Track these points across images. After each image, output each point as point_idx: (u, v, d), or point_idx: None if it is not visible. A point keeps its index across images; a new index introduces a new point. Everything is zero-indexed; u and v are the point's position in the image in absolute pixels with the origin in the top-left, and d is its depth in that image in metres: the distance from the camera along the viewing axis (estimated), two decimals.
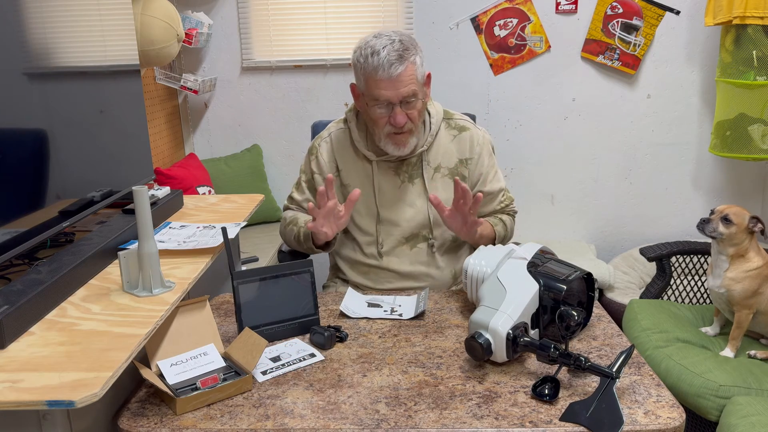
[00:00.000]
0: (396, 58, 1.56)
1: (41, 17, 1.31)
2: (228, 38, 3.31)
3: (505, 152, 3.41)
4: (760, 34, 2.73)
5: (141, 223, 1.23)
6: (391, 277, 1.77)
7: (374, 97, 1.60)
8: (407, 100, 1.60)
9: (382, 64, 1.55)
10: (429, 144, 1.73)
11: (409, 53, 1.58)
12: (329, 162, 1.78)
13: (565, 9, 3.19)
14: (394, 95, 1.58)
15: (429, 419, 1.10)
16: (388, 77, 1.56)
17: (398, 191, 1.75)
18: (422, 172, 1.74)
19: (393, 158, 1.72)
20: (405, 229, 1.75)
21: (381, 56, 1.56)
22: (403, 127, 1.62)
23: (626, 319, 2.29)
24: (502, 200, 1.85)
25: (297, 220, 1.79)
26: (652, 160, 3.37)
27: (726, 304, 2.01)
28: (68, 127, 1.41)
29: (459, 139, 1.76)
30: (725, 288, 1.96)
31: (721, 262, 1.98)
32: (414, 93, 1.59)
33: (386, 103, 1.60)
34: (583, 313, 1.35)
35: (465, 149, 1.76)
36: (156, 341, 1.23)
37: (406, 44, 1.59)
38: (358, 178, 1.76)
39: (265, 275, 1.40)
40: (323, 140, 1.80)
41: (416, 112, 1.63)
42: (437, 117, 1.75)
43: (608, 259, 3.39)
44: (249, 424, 1.10)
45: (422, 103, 1.65)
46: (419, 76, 1.61)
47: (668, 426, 1.07)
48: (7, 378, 0.96)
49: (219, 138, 3.45)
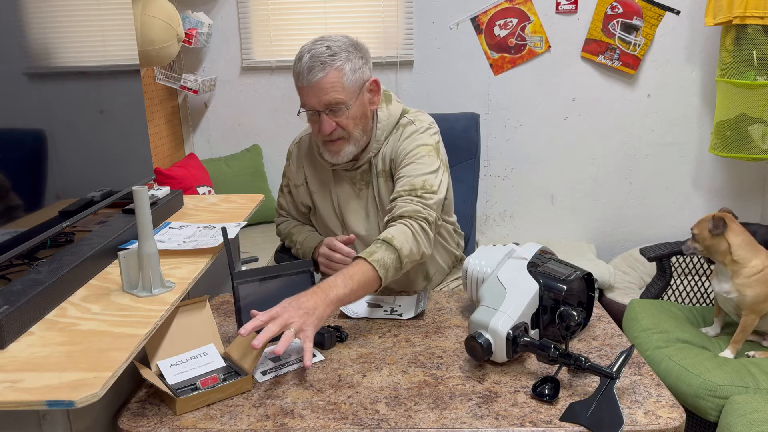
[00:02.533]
0: (317, 64, 1.49)
1: (41, 17, 1.31)
2: (228, 38, 3.31)
3: (505, 152, 3.41)
4: (760, 34, 2.73)
5: (141, 223, 1.23)
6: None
7: (302, 102, 1.57)
8: (332, 108, 1.53)
9: (302, 71, 1.51)
10: (376, 150, 1.66)
11: (336, 59, 1.50)
12: (297, 169, 1.79)
13: (565, 9, 3.19)
14: (316, 102, 1.52)
15: (429, 419, 1.10)
16: (307, 84, 1.51)
17: (356, 199, 1.72)
18: (372, 179, 1.69)
19: (348, 167, 1.68)
20: (365, 236, 1.72)
21: (303, 62, 1.51)
22: (331, 134, 1.56)
23: (626, 319, 2.29)
24: (399, 192, 1.56)
25: (292, 237, 1.82)
26: (652, 160, 3.37)
27: (735, 308, 1.99)
28: (68, 127, 1.41)
29: (394, 138, 1.67)
30: (736, 293, 1.93)
31: (722, 268, 1.98)
32: (338, 101, 1.52)
33: (313, 110, 1.55)
34: (583, 313, 1.35)
35: (395, 147, 1.65)
36: (156, 341, 1.23)
37: (334, 50, 1.51)
38: (321, 185, 1.76)
39: (265, 275, 1.40)
40: (295, 146, 1.81)
41: (347, 120, 1.55)
42: (388, 121, 1.66)
43: (608, 259, 3.39)
44: (249, 424, 1.10)
45: (358, 109, 1.56)
46: (347, 82, 1.52)
47: (668, 426, 1.07)
48: (7, 378, 0.96)
49: (219, 138, 3.45)
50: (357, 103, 1.56)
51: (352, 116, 1.56)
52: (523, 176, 3.43)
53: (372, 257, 1.41)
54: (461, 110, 1.90)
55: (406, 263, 1.47)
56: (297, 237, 1.81)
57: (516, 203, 3.49)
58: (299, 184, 1.79)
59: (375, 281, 1.41)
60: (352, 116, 1.56)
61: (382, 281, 1.41)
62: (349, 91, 1.53)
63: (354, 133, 1.59)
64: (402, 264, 1.45)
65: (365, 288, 1.39)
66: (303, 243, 1.77)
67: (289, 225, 1.86)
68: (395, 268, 1.44)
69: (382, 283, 1.42)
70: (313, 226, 1.87)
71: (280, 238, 1.90)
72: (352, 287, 1.35)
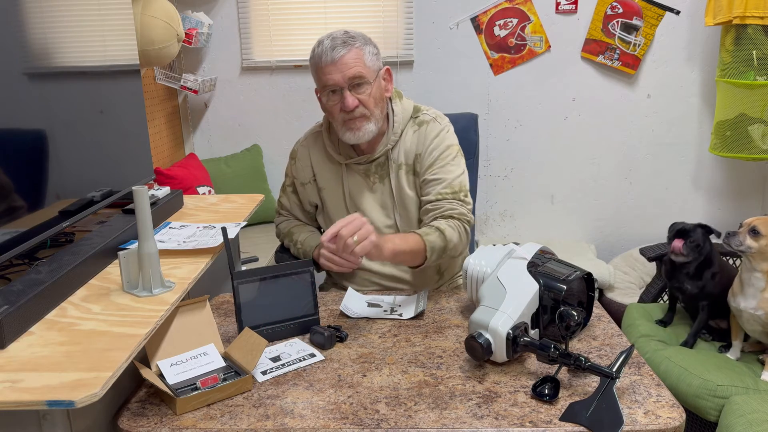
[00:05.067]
0: (339, 43, 1.58)
1: (41, 17, 1.31)
2: (228, 38, 3.31)
3: (505, 152, 3.41)
4: (760, 34, 2.73)
5: (141, 223, 1.23)
6: (373, 279, 1.77)
7: (324, 85, 1.62)
8: (355, 83, 1.59)
9: (325, 51, 1.59)
10: (393, 142, 1.71)
11: (355, 41, 1.60)
12: (305, 167, 1.79)
13: (565, 9, 3.19)
14: (339, 78, 1.58)
15: (429, 419, 1.10)
16: (331, 61, 1.58)
17: (370, 193, 1.74)
18: (389, 171, 1.73)
19: (362, 160, 1.72)
20: (380, 228, 1.74)
21: (324, 44, 1.60)
22: (354, 111, 1.61)
23: (625, 324, 2.29)
24: (443, 193, 1.66)
25: (291, 236, 1.82)
26: (652, 160, 3.37)
27: (763, 326, 1.82)
28: (68, 127, 1.41)
29: (418, 134, 1.72)
30: (764, 310, 1.77)
31: (756, 280, 1.78)
32: (360, 75, 1.59)
33: (335, 89, 1.60)
34: (583, 313, 1.35)
35: (421, 143, 1.71)
36: (156, 341, 1.23)
37: (352, 34, 1.62)
38: (331, 181, 1.77)
39: (265, 275, 1.40)
40: (301, 145, 1.82)
41: (367, 97, 1.61)
42: (403, 115, 1.72)
43: (608, 259, 3.39)
44: (249, 424, 1.10)
45: (377, 89, 1.63)
46: (367, 61, 1.61)
47: (668, 426, 1.07)
48: (7, 378, 0.96)
49: (219, 138, 3.45)
50: (375, 85, 1.63)
51: (372, 95, 1.63)
52: (523, 176, 3.43)
53: (426, 237, 1.58)
54: (461, 110, 1.90)
55: (447, 256, 1.64)
56: (298, 236, 1.81)
57: (516, 203, 3.49)
58: (306, 182, 1.80)
59: (420, 257, 1.59)
60: (372, 95, 1.63)
61: (425, 261, 1.59)
62: (369, 70, 1.61)
63: (375, 112, 1.64)
64: (445, 254, 1.62)
65: (412, 257, 1.58)
66: (304, 242, 1.78)
67: (289, 224, 1.87)
68: (438, 256, 1.61)
69: (423, 264, 1.60)
70: (316, 227, 1.87)
71: (279, 238, 1.90)
72: (404, 248, 1.53)
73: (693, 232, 1.98)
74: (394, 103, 1.73)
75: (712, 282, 1.98)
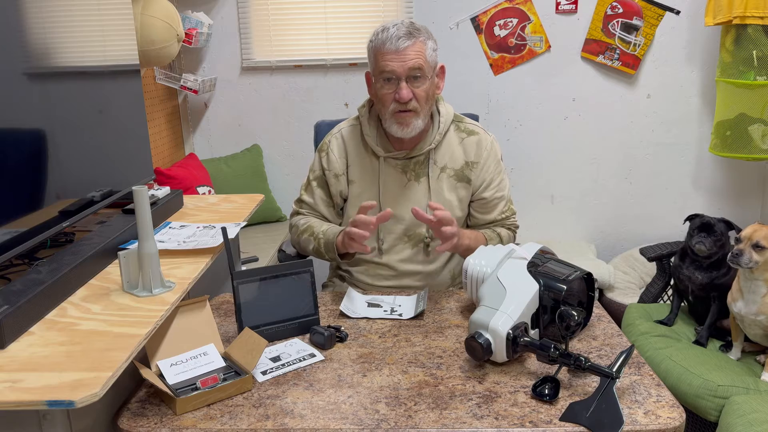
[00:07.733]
0: (404, 33, 1.60)
1: (41, 17, 1.31)
2: (228, 38, 3.31)
3: (505, 152, 3.37)
4: (760, 34, 2.73)
5: (141, 223, 1.23)
6: (389, 274, 1.77)
7: (381, 70, 1.63)
8: (413, 75, 1.61)
9: (390, 38, 1.60)
10: (437, 143, 1.73)
11: (420, 34, 1.63)
12: (339, 158, 1.78)
13: (565, 9, 3.19)
14: (399, 67, 1.60)
15: (429, 419, 1.10)
16: (395, 49, 1.60)
17: (404, 189, 1.75)
18: (428, 171, 1.74)
19: (401, 155, 1.73)
20: (407, 227, 1.75)
21: (390, 31, 1.61)
22: (408, 104, 1.62)
23: (625, 324, 2.29)
24: (504, 211, 1.84)
25: (312, 229, 1.77)
26: (652, 160, 3.37)
27: (764, 329, 1.84)
28: (68, 127, 1.41)
29: (467, 143, 1.77)
30: (765, 314, 1.79)
31: (756, 287, 1.80)
32: (420, 67, 1.61)
33: (392, 77, 1.61)
34: (583, 313, 1.35)
35: (472, 153, 1.76)
36: (156, 341, 1.23)
37: (418, 27, 1.64)
38: (364, 174, 1.76)
39: (265, 275, 1.40)
40: (333, 137, 1.81)
41: (422, 92, 1.63)
42: (447, 117, 1.75)
43: (608, 259, 3.39)
44: (249, 424, 1.10)
45: (430, 86, 1.66)
46: (428, 56, 1.63)
47: (668, 426, 1.07)
48: (7, 378, 0.96)
49: (219, 138, 3.45)
50: (430, 81, 1.65)
51: (426, 90, 1.65)
52: (523, 176, 3.43)
53: (490, 242, 1.76)
54: (461, 110, 1.90)
55: None
56: (319, 228, 1.76)
57: (516, 203, 3.47)
58: (340, 173, 1.78)
59: None
60: (426, 90, 1.65)
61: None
62: (428, 65, 1.64)
63: (425, 108, 1.66)
64: None
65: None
66: (326, 231, 1.73)
67: (309, 219, 1.82)
68: None
69: None
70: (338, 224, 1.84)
71: (294, 238, 1.84)
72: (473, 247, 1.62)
73: (717, 227, 2.01)
74: (440, 105, 1.76)
75: (723, 273, 2.00)
